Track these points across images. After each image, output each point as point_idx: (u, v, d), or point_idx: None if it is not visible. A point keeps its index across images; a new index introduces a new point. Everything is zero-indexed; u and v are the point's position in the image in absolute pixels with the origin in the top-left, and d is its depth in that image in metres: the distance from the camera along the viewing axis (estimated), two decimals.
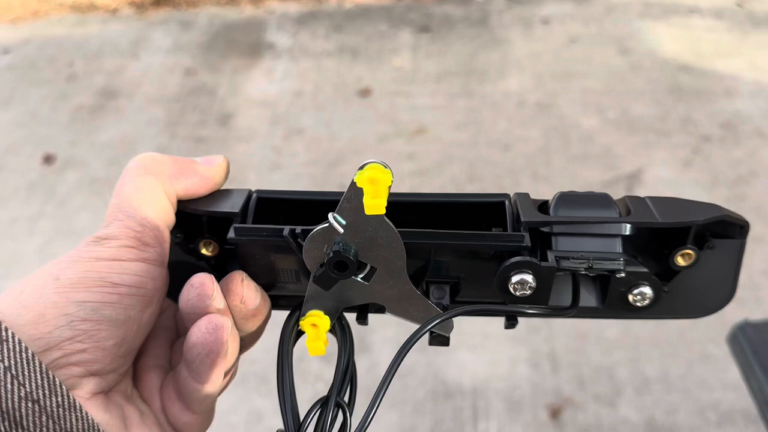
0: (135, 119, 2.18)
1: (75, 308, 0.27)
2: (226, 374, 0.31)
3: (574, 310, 0.32)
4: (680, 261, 0.32)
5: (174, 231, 0.32)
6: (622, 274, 0.31)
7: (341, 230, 0.29)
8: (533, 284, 0.30)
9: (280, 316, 0.35)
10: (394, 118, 2.07)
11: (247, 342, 0.33)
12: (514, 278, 0.30)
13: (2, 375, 0.24)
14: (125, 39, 2.54)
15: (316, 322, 0.31)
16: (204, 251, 0.34)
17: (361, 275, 0.31)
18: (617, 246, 0.31)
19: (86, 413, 0.26)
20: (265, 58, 2.39)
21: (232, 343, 0.30)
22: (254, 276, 0.32)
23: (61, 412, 0.25)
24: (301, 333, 0.33)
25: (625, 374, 1.40)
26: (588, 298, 0.33)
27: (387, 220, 0.30)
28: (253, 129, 2.09)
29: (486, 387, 1.40)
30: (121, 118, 2.19)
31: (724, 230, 0.32)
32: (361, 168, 0.28)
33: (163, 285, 0.30)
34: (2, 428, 0.24)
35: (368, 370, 1.43)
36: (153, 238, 0.30)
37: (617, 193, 1.64)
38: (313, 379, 1.43)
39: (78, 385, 0.27)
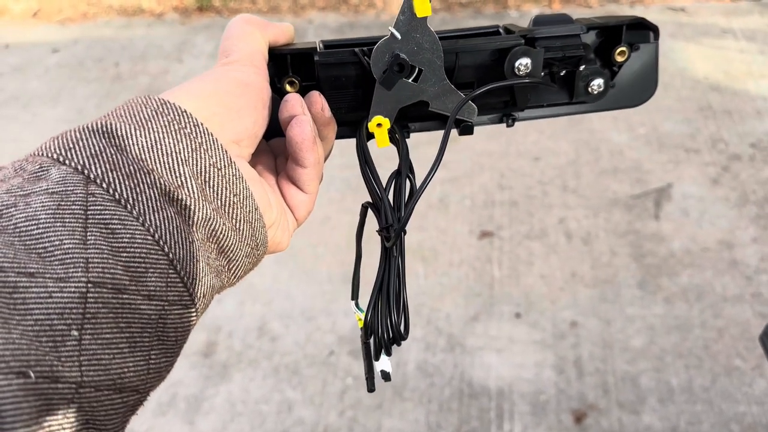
0: None
1: (224, 94, 0.36)
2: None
3: (555, 85, 0.44)
4: (618, 58, 0.44)
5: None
6: (582, 67, 0.43)
7: (399, 36, 0.38)
8: (529, 66, 0.41)
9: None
10: None
11: (327, 152, 0.44)
12: (517, 62, 0.41)
13: (197, 147, 0.33)
14: (169, 42, 2.63)
15: (381, 122, 0.41)
16: (288, 89, 0.42)
17: (412, 78, 0.40)
18: (578, 42, 0.43)
19: (240, 173, 0.35)
20: None
21: (317, 141, 0.40)
22: (328, 100, 0.42)
23: (230, 176, 0.34)
24: (370, 137, 0.43)
25: (650, 383, 1.42)
26: (562, 95, 0.45)
27: (429, 27, 0.38)
28: None
29: (511, 390, 1.43)
30: None
31: (644, 35, 0.45)
32: None
33: (270, 96, 0.39)
34: (198, 184, 0.33)
35: (397, 367, 1.47)
36: (260, 62, 0.39)
37: (647, 207, 1.65)
38: (343, 374, 1.48)
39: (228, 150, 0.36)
